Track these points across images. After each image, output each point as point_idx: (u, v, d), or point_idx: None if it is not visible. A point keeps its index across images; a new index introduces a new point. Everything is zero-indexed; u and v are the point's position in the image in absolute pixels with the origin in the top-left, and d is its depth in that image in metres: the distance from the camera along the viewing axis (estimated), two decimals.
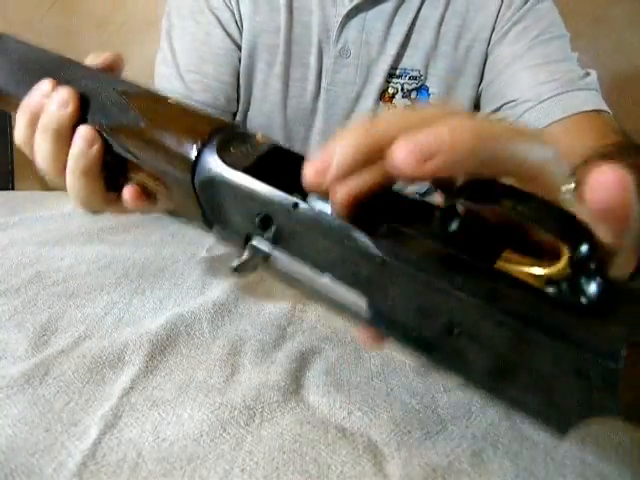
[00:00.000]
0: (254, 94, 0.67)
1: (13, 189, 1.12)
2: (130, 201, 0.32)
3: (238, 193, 0.24)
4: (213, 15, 0.64)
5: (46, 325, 0.33)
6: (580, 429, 0.17)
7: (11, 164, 1.12)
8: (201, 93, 0.63)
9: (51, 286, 0.38)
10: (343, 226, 0.20)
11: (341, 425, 0.25)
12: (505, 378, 0.18)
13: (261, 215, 0.23)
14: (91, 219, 0.54)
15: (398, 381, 0.28)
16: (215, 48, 0.64)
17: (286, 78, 0.66)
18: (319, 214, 0.21)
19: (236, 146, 0.25)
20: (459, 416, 0.26)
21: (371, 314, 0.21)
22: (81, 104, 0.31)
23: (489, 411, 0.26)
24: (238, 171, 0.24)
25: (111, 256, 0.43)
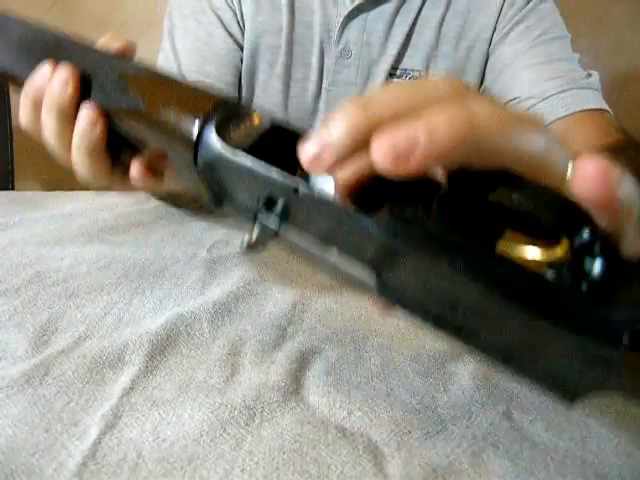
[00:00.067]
0: (256, 94, 0.67)
1: (13, 189, 1.12)
2: (137, 177, 0.32)
3: (240, 174, 0.24)
4: (215, 15, 0.64)
5: (46, 325, 0.33)
6: (587, 401, 0.17)
7: (11, 164, 1.12)
8: None
9: (51, 286, 0.38)
10: (344, 209, 0.20)
11: (341, 425, 0.25)
12: (512, 351, 0.18)
13: (265, 196, 0.23)
14: (91, 219, 0.54)
15: (398, 381, 0.28)
16: (217, 48, 0.64)
17: (287, 78, 0.66)
18: (320, 197, 0.21)
19: (237, 124, 0.25)
20: (459, 416, 0.26)
21: (379, 287, 0.21)
22: (82, 83, 0.31)
23: (489, 411, 0.26)
24: (239, 152, 0.23)
25: (111, 256, 0.43)
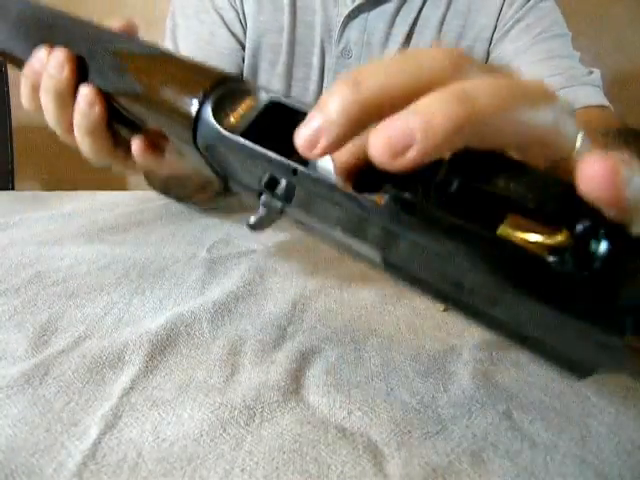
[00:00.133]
0: None
1: (13, 189, 1.12)
2: (138, 154, 0.32)
3: (239, 158, 0.24)
4: (217, 15, 0.64)
5: (46, 325, 0.33)
6: (592, 380, 0.18)
7: (11, 164, 1.12)
8: None
9: (51, 286, 0.38)
10: (343, 192, 0.20)
11: (341, 425, 0.25)
12: (517, 329, 0.18)
13: (266, 178, 0.23)
14: (91, 219, 0.54)
15: (398, 381, 0.28)
16: (220, 47, 0.64)
17: (289, 78, 0.66)
18: (319, 180, 0.20)
19: (235, 103, 0.25)
20: (459, 416, 0.26)
21: (384, 265, 0.21)
22: (79, 65, 0.31)
23: (489, 411, 0.26)
24: (236, 136, 0.23)
25: (111, 256, 0.43)
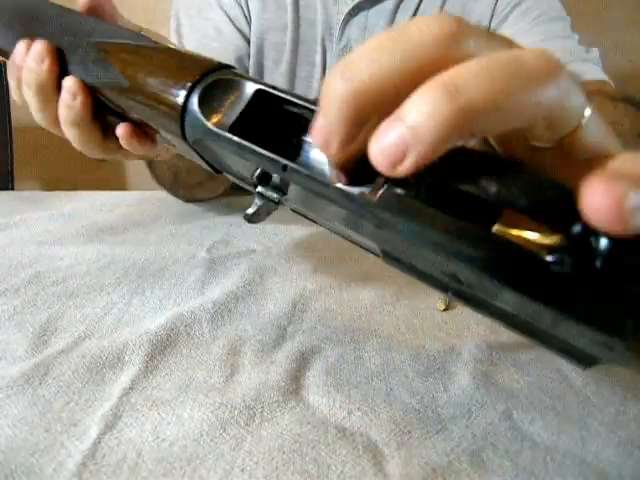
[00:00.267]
0: None
1: (13, 189, 1.12)
2: (125, 141, 0.32)
3: (229, 152, 0.23)
4: (223, 11, 0.64)
5: (46, 325, 0.33)
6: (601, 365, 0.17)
7: (11, 164, 1.12)
8: None
9: (51, 286, 0.38)
10: (336, 188, 0.19)
11: (341, 425, 0.25)
12: (519, 321, 0.18)
13: (258, 172, 0.22)
14: (91, 219, 0.54)
15: (398, 381, 0.28)
16: (226, 43, 0.64)
17: (292, 77, 0.66)
18: (310, 176, 0.20)
19: (221, 95, 0.24)
20: (459, 416, 0.26)
21: (383, 256, 0.21)
22: (61, 57, 0.31)
23: (489, 411, 0.26)
24: (224, 131, 0.23)
25: (111, 256, 0.43)
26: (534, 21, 0.62)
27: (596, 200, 0.14)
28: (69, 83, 0.30)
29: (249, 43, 0.65)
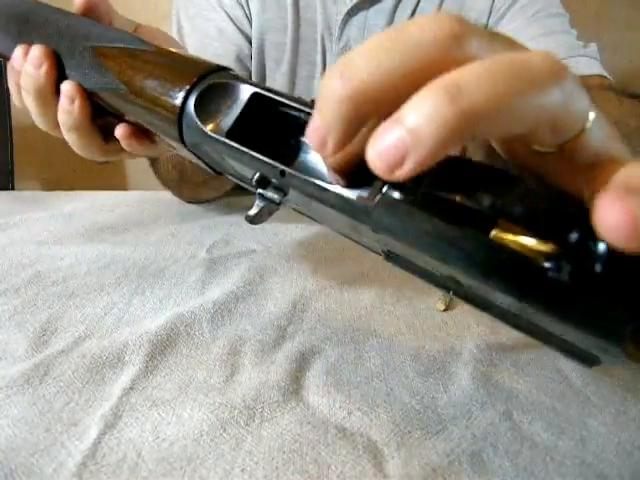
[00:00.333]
0: None
1: (13, 189, 1.12)
2: (124, 142, 0.32)
3: (227, 157, 0.23)
4: (224, 12, 0.64)
5: (46, 325, 0.33)
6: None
7: (11, 164, 1.12)
8: None
9: (51, 286, 0.38)
10: (333, 194, 0.19)
11: (341, 425, 0.25)
12: (522, 322, 0.18)
13: (256, 176, 0.22)
14: (91, 219, 0.54)
15: (398, 381, 0.28)
16: (227, 43, 0.64)
17: (293, 76, 0.66)
18: (308, 182, 0.20)
19: (217, 99, 0.24)
20: (459, 416, 0.26)
21: (384, 257, 0.21)
22: (58, 61, 0.31)
23: (489, 411, 0.26)
24: (221, 137, 0.23)
25: (111, 256, 0.43)
26: (532, 17, 0.62)
27: (612, 217, 0.13)
28: (66, 87, 0.30)
29: (251, 43, 0.65)
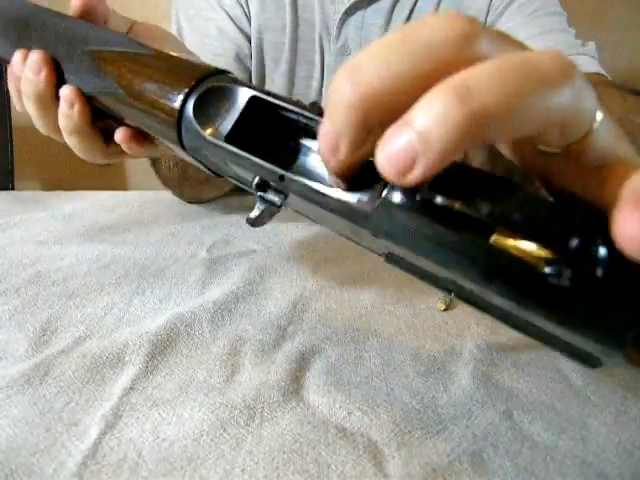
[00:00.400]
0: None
1: (13, 189, 1.12)
2: (124, 145, 0.32)
3: (226, 162, 0.23)
4: (224, 11, 0.64)
5: (46, 325, 0.33)
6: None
7: (11, 164, 1.12)
8: None
9: (51, 286, 0.38)
10: (333, 199, 0.19)
11: (341, 425, 0.25)
12: (524, 324, 0.18)
13: (256, 180, 0.22)
14: (91, 219, 0.54)
15: (398, 381, 0.28)
16: (227, 43, 0.64)
17: (291, 76, 0.66)
18: (307, 186, 0.20)
19: (216, 103, 0.24)
20: (459, 416, 0.26)
21: (385, 259, 0.21)
22: (57, 66, 0.31)
23: (489, 411, 0.26)
24: (220, 141, 0.23)
25: (111, 256, 0.43)
26: (530, 15, 0.62)
27: (631, 229, 0.13)
28: (66, 92, 0.31)
29: (250, 42, 0.66)
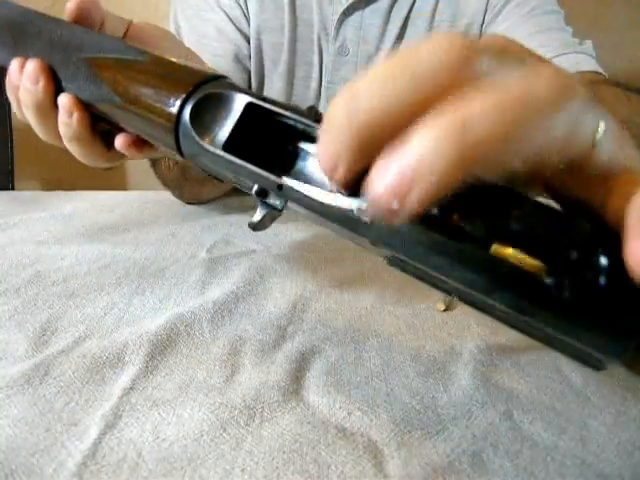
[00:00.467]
0: (264, 91, 0.68)
1: (13, 189, 1.12)
2: (124, 151, 0.32)
3: (225, 170, 0.23)
4: (223, 12, 0.64)
5: (46, 325, 0.33)
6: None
7: (11, 164, 1.12)
8: None
9: (51, 286, 0.38)
10: (331, 207, 0.19)
11: (341, 425, 0.25)
12: (528, 328, 0.18)
13: (256, 188, 0.22)
14: (91, 219, 0.54)
15: (398, 381, 0.28)
16: (226, 43, 0.64)
17: (290, 77, 0.66)
18: (305, 195, 0.20)
19: (212, 112, 0.24)
20: (459, 416, 0.26)
21: (388, 262, 0.21)
22: (55, 74, 0.31)
23: (489, 411, 0.26)
24: (218, 149, 0.23)
25: (111, 256, 0.43)
26: (528, 14, 0.62)
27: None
28: (64, 100, 0.30)
29: (249, 43, 0.66)
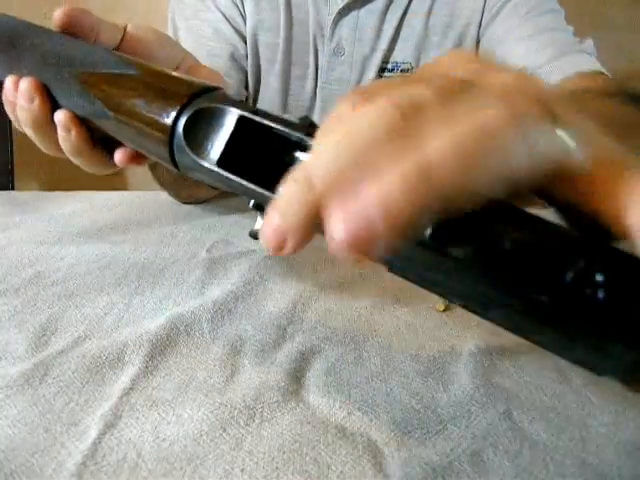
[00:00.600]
0: (261, 91, 0.68)
1: (13, 189, 1.12)
2: (124, 165, 0.32)
3: (220, 184, 0.24)
4: (220, 12, 0.64)
5: (46, 325, 0.33)
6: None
7: (11, 164, 1.12)
8: None
9: (51, 286, 0.38)
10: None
11: (341, 425, 0.25)
12: (530, 333, 0.18)
13: (252, 202, 0.23)
14: (91, 219, 0.54)
15: (398, 381, 0.28)
16: (223, 43, 0.64)
17: (286, 77, 0.66)
18: None
19: (205, 127, 0.24)
20: (459, 416, 0.26)
21: (388, 269, 0.21)
22: (48, 92, 0.31)
23: (489, 411, 0.26)
24: (212, 166, 0.23)
25: (111, 256, 0.43)
26: (525, 15, 0.62)
27: None
28: (60, 117, 0.31)
29: (246, 43, 0.66)
